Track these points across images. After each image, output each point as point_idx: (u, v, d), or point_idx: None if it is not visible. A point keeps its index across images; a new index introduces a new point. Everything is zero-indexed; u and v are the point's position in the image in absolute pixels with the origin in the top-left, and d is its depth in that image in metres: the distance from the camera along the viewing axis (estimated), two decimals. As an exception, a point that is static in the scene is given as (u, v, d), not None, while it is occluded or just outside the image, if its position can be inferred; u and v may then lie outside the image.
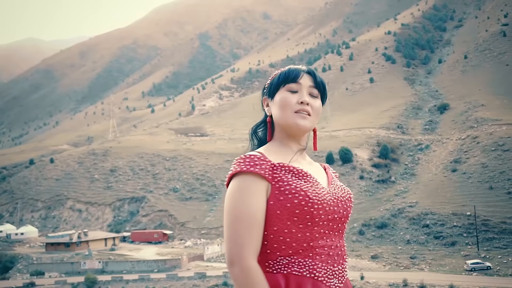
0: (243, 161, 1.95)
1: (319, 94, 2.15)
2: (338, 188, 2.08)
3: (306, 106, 2.07)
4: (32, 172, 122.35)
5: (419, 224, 62.48)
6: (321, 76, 2.01)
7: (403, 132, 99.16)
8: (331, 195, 2.01)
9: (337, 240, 2.00)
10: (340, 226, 2.00)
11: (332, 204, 1.97)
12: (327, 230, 1.95)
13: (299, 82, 2.11)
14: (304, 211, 1.89)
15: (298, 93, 2.09)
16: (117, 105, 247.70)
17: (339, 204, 2.00)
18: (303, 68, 2.17)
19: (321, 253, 1.93)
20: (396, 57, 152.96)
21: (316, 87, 2.14)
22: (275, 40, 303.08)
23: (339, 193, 2.05)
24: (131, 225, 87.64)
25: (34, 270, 60.34)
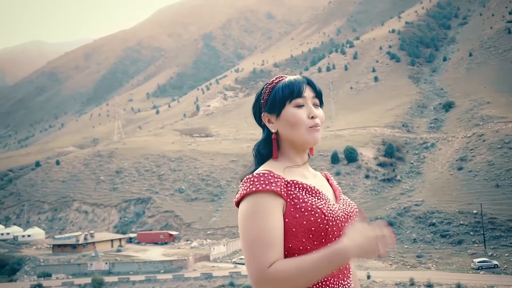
0: (257, 180, 1.89)
1: (320, 102, 2.16)
2: (346, 203, 2.10)
3: (316, 119, 2.07)
4: (38, 174, 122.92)
5: (426, 222, 62.27)
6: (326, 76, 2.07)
7: (408, 130, 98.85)
8: (342, 211, 2.02)
9: None
10: None
11: (343, 220, 1.99)
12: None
13: (304, 95, 2.08)
14: (320, 229, 1.90)
15: (305, 107, 2.07)
16: (122, 106, 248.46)
17: (348, 220, 2.02)
18: (302, 79, 2.13)
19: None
20: (401, 55, 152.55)
21: (317, 97, 2.14)
22: (279, 39, 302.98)
23: (347, 208, 2.06)
24: (137, 226, 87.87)
25: (41, 271, 60.61)
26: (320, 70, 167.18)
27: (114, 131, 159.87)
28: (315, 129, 2.05)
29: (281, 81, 2.13)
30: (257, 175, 1.91)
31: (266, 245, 1.80)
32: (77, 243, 70.39)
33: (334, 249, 1.78)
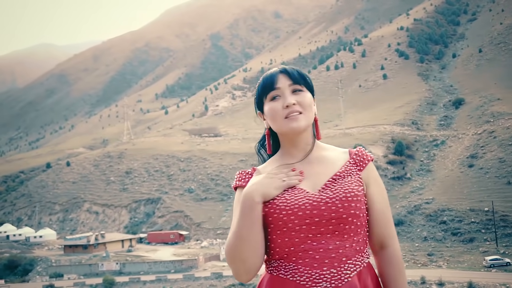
0: (236, 177, 2.14)
1: (303, 87, 2.09)
2: (330, 189, 2.01)
3: (293, 106, 2.04)
4: (49, 176, 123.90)
5: (436, 220, 61.88)
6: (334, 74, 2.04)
7: (418, 128, 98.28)
8: (312, 198, 1.98)
9: (331, 242, 1.96)
10: (329, 228, 1.96)
11: (309, 208, 1.96)
12: (310, 234, 1.95)
13: (277, 87, 2.08)
14: (275, 218, 1.96)
15: (281, 98, 2.07)
16: (131, 107, 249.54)
17: (323, 207, 1.96)
18: (276, 71, 2.12)
19: (305, 257, 1.95)
20: (409, 52, 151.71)
21: (295, 83, 2.08)
22: (287, 38, 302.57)
23: (327, 195, 1.99)
24: (147, 226, 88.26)
25: (53, 272, 61.10)
26: (329, 68, 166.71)
27: (124, 132, 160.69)
28: (291, 118, 2.03)
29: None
30: (237, 173, 2.15)
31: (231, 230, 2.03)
32: (88, 244, 70.85)
33: (241, 196, 1.99)
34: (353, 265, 1.97)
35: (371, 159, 2.14)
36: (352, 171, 2.09)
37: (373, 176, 2.11)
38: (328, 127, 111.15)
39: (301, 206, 1.96)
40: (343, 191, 1.99)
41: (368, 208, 2.07)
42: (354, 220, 1.98)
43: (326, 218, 1.96)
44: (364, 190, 2.06)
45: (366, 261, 2.04)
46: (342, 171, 2.07)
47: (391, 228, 2.12)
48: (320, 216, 1.95)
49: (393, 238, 2.11)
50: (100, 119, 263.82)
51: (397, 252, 2.10)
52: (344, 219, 1.96)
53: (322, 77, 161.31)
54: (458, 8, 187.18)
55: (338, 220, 1.96)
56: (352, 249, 1.99)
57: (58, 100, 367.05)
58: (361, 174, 2.09)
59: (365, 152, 2.15)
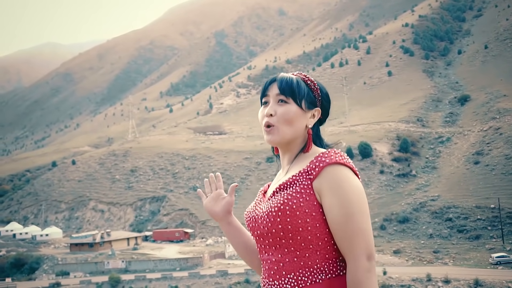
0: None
1: (288, 98, 2.04)
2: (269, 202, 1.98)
3: (268, 117, 2.04)
4: (55, 174, 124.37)
5: (442, 218, 61.64)
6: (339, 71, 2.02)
7: (423, 125, 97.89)
8: (257, 211, 2.04)
9: (275, 255, 1.94)
10: (272, 241, 1.93)
11: (253, 221, 2.02)
12: (261, 245, 2.01)
13: (267, 94, 2.10)
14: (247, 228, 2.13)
15: (267, 106, 2.10)
16: (135, 105, 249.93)
17: (259, 221, 1.97)
18: (273, 78, 2.12)
19: (263, 266, 2.02)
20: (414, 49, 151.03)
21: (281, 93, 2.05)
22: (291, 36, 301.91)
23: (263, 208, 1.99)
24: (152, 224, 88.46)
25: (60, 270, 61.38)
26: (333, 65, 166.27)
27: (129, 130, 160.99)
28: (265, 129, 2.06)
29: None
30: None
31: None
32: (94, 242, 71.12)
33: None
34: (294, 280, 1.88)
35: (329, 163, 1.89)
36: (298, 180, 1.93)
37: (327, 185, 1.86)
38: (333, 125, 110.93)
39: (251, 218, 2.07)
40: (277, 204, 1.91)
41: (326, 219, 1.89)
42: (289, 235, 1.87)
43: (264, 231, 1.96)
44: (315, 201, 1.88)
45: (322, 277, 1.86)
46: (287, 181, 1.96)
47: (352, 243, 1.82)
48: (260, 229, 1.99)
49: (352, 255, 1.82)
50: (105, 117, 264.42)
51: (357, 273, 1.80)
52: (276, 233, 1.90)
53: (326, 75, 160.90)
54: (464, 4, 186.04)
55: (272, 234, 1.92)
56: (295, 264, 1.88)
57: (64, 99, 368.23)
58: (314, 183, 1.90)
59: (326, 156, 1.92)
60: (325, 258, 1.87)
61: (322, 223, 1.87)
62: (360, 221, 1.82)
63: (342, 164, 1.89)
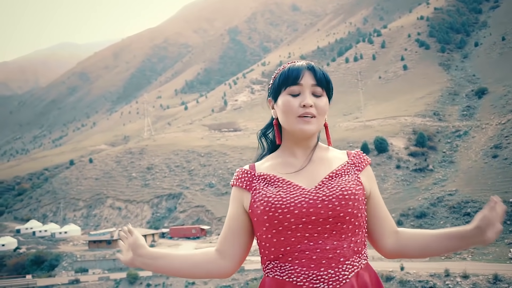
0: (234, 175, 2.12)
1: (323, 91, 2.02)
2: (328, 187, 1.95)
3: (309, 108, 1.97)
4: (73, 172, 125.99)
5: (460, 212, 61.00)
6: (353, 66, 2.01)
7: (439, 119, 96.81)
8: (309, 196, 1.92)
9: (328, 242, 1.89)
10: (327, 227, 1.90)
11: (306, 206, 1.90)
12: (307, 233, 1.89)
13: (300, 83, 1.99)
14: (271, 217, 1.91)
15: (300, 95, 1.99)
16: (151, 103, 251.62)
17: (320, 205, 1.90)
18: (303, 65, 2.03)
19: (302, 257, 1.89)
20: (430, 42, 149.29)
21: (318, 85, 2.00)
22: (305, 31, 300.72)
23: (323, 192, 1.93)
24: (169, 221, 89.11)
25: (78, 267, 62.28)
26: (348, 60, 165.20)
27: (144, 128, 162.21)
28: (304, 119, 1.98)
29: (286, 67, 2.09)
30: (236, 171, 2.13)
31: (224, 228, 2.15)
32: (111, 239, 71.92)
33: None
34: (351, 266, 1.92)
35: (369, 163, 2.12)
36: (350, 170, 2.04)
37: (373, 178, 2.10)
38: (348, 120, 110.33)
39: (297, 204, 1.90)
40: (340, 189, 1.94)
41: (374, 208, 2.08)
42: (352, 220, 1.93)
43: (323, 216, 1.90)
44: (363, 190, 2.01)
45: (364, 262, 1.98)
46: (339, 169, 2.02)
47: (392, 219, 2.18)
48: (317, 215, 1.89)
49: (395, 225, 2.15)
50: (121, 116, 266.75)
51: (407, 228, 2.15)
52: (342, 217, 1.90)
53: (341, 69, 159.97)
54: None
55: (336, 219, 1.90)
56: (350, 250, 1.93)
57: (80, 98, 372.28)
58: (360, 175, 2.04)
59: (365, 156, 2.13)
60: (364, 245, 2.01)
61: (364, 211, 2.02)
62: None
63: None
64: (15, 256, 73.18)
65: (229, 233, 2.12)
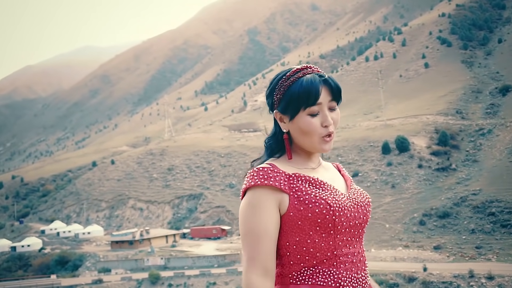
0: (257, 174, 1.90)
1: (337, 104, 2.03)
2: (357, 193, 2.06)
3: (330, 127, 1.98)
4: (95, 174, 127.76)
5: (484, 212, 59.86)
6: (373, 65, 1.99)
7: (462, 117, 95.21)
8: (351, 200, 1.99)
9: (359, 246, 1.99)
10: (360, 232, 2.00)
11: (353, 210, 1.96)
12: (349, 237, 1.94)
13: (320, 102, 1.96)
14: (326, 220, 1.87)
15: (320, 114, 1.96)
16: (171, 105, 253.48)
17: (359, 210, 1.99)
18: (318, 81, 1.96)
19: (345, 261, 1.91)
20: (452, 39, 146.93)
21: (334, 99, 2.00)
22: (324, 30, 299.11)
23: (358, 198, 2.03)
24: (190, 221, 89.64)
25: (101, 267, 63.07)
26: (368, 59, 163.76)
27: (165, 130, 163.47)
28: (326, 139, 1.98)
29: (297, 79, 1.97)
30: (257, 170, 1.92)
31: (255, 240, 1.84)
32: (133, 240, 72.67)
33: None
34: (367, 271, 2.03)
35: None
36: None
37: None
38: (368, 119, 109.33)
39: (349, 207, 1.95)
40: (366, 196, 2.07)
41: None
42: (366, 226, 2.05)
43: (361, 221, 1.98)
44: None
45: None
46: (349, 178, 2.16)
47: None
48: (358, 219, 1.97)
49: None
50: (142, 117, 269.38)
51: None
52: (365, 224, 2.02)
53: (361, 68, 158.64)
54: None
55: (363, 225, 2.01)
56: (365, 255, 2.05)
57: (102, 100, 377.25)
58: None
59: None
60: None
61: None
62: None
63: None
64: (40, 256, 74.59)
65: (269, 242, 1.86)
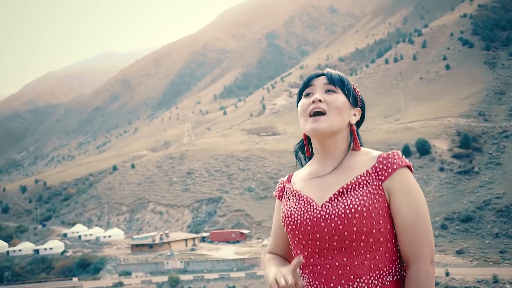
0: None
1: (338, 88, 1.98)
2: (334, 204, 1.87)
3: (318, 103, 1.94)
4: (116, 178, 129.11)
5: (509, 216, 58.57)
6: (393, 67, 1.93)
7: (485, 119, 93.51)
8: (314, 212, 1.89)
9: (338, 259, 1.84)
10: (338, 244, 1.83)
11: (311, 224, 1.87)
12: (317, 248, 1.87)
13: (313, 83, 2.01)
14: (288, 230, 1.97)
15: (312, 95, 2.00)
16: (190, 109, 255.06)
17: (322, 224, 1.85)
18: (317, 72, 2.07)
19: (315, 271, 1.88)
20: (474, 40, 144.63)
21: (331, 83, 1.98)
22: (343, 33, 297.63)
23: (327, 210, 1.87)
24: (209, 225, 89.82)
25: (122, 270, 63.58)
26: (387, 61, 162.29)
27: (184, 134, 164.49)
28: (314, 118, 1.94)
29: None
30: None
31: (271, 236, 2.21)
32: (153, 243, 73.12)
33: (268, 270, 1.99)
34: (365, 284, 1.82)
35: (401, 166, 1.89)
36: (368, 181, 1.89)
37: (400, 186, 1.86)
38: (388, 122, 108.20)
39: (303, 221, 1.90)
40: (344, 207, 1.84)
41: (395, 223, 1.88)
42: (362, 237, 1.82)
43: (328, 234, 1.85)
44: (386, 202, 1.87)
45: (390, 279, 1.86)
46: (355, 181, 1.90)
47: (418, 246, 1.83)
48: (321, 233, 1.86)
49: (418, 258, 1.83)
50: (161, 121, 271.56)
51: (420, 276, 1.80)
52: (348, 236, 1.82)
53: (380, 71, 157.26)
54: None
55: (341, 237, 1.83)
56: (365, 267, 1.83)
57: (122, 105, 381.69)
58: (384, 185, 1.88)
59: (395, 158, 1.91)
60: (392, 260, 1.87)
61: (391, 224, 1.88)
62: (427, 224, 1.84)
63: (409, 168, 1.91)
64: (62, 259, 75.58)
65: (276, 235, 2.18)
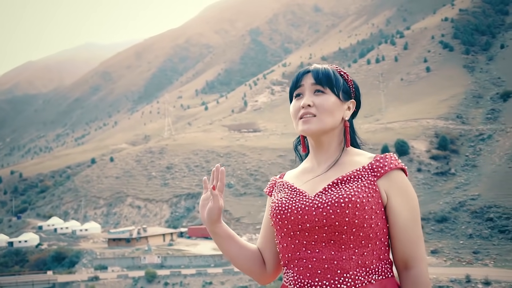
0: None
1: (326, 87, 1.95)
2: (327, 194, 1.84)
3: (307, 108, 1.93)
4: (94, 171, 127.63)
5: (482, 217, 59.77)
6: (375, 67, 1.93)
7: (463, 122, 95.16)
8: (307, 201, 1.86)
9: (325, 252, 1.79)
10: (327, 236, 1.79)
11: (302, 213, 1.84)
12: (304, 241, 1.83)
13: (302, 84, 2.00)
14: (275, 222, 1.93)
15: (302, 97, 1.99)
16: (171, 103, 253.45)
17: (314, 212, 1.82)
18: (305, 70, 2.03)
19: (300, 265, 1.83)
20: (454, 44, 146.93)
21: (317, 83, 1.96)
22: (327, 32, 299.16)
23: (320, 200, 1.84)
24: (187, 221, 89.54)
25: (98, 264, 62.94)
26: (369, 62, 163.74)
27: (165, 128, 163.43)
28: (303, 120, 1.93)
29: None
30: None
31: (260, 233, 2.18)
32: (130, 237, 72.56)
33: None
34: (351, 280, 1.77)
35: (397, 167, 1.87)
36: (363, 175, 1.87)
37: (397, 186, 1.84)
38: (369, 122, 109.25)
39: (294, 210, 1.86)
40: (337, 196, 1.81)
41: (389, 222, 1.85)
42: (353, 230, 1.77)
43: (318, 224, 1.80)
44: (380, 199, 1.83)
45: (376, 278, 1.80)
46: (349, 174, 1.88)
47: (417, 247, 1.83)
48: (311, 222, 1.81)
49: (418, 259, 1.82)
50: (142, 115, 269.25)
51: (422, 277, 1.81)
52: (338, 226, 1.78)
53: (362, 71, 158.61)
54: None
55: (331, 227, 1.79)
56: (352, 262, 1.78)
57: (102, 97, 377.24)
58: (378, 182, 1.85)
59: (392, 159, 1.89)
60: (379, 259, 1.83)
61: (382, 222, 1.84)
62: (420, 228, 1.86)
63: (404, 171, 1.89)
64: (37, 252, 74.43)
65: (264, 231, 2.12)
